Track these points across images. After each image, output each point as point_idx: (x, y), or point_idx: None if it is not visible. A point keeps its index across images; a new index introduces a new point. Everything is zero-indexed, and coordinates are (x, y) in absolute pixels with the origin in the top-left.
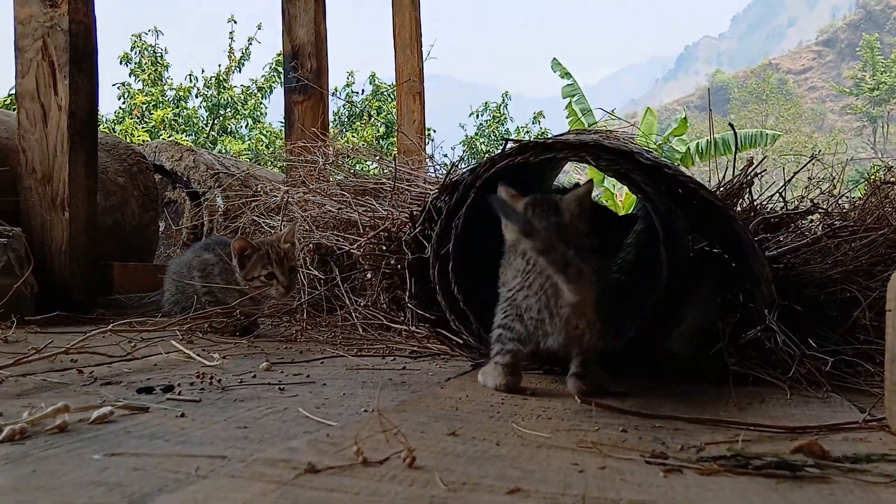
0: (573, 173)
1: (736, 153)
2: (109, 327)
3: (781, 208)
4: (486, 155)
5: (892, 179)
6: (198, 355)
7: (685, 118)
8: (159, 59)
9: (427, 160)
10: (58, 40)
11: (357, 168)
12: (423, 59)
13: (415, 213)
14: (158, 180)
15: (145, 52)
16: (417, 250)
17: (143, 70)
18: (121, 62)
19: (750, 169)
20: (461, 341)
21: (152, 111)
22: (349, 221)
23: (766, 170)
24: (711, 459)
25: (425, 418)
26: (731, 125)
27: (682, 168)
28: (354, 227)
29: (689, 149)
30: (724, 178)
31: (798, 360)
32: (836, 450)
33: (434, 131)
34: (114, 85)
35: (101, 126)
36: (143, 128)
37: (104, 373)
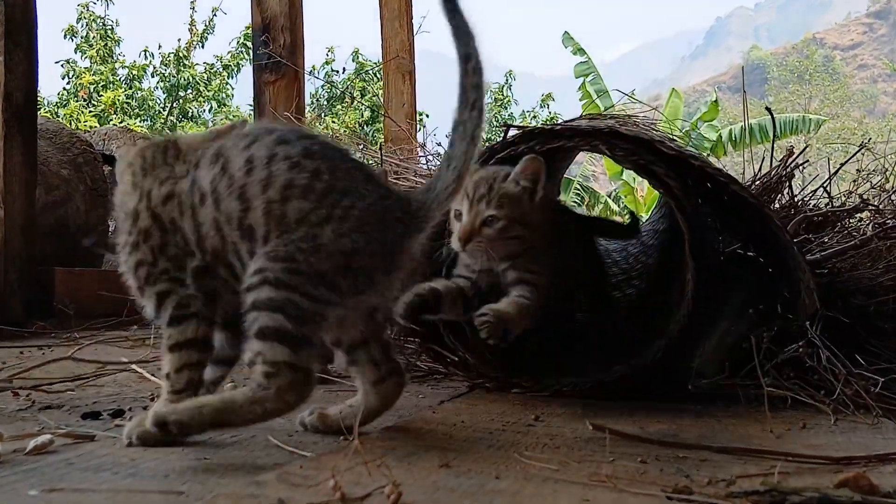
0: (587, 164)
1: (774, 141)
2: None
3: (826, 205)
4: (487, 144)
5: None
6: (153, 374)
7: (716, 101)
8: (109, 32)
9: (418, 149)
10: None
11: None
12: (415, 32)
13: None
14: (108, 172)
15: (93, 25)
16: None
17: (91, 45)
18: (65, 36)
19: (790, 160)
20: (456, 359)
21: (101, 92)
22: None
23: (808, 160)
24: (743, 495)
25: (414, 447)
26: (768, 109)
27: (712, 159)
28: None
29: (720, 136)
30: (760, 169)
31: (844, 380)
32: (887, 483)
33: (427, 116)
34: (57, 62)
35: (41, 110)
36: (90, 112)
37: (44, 396)
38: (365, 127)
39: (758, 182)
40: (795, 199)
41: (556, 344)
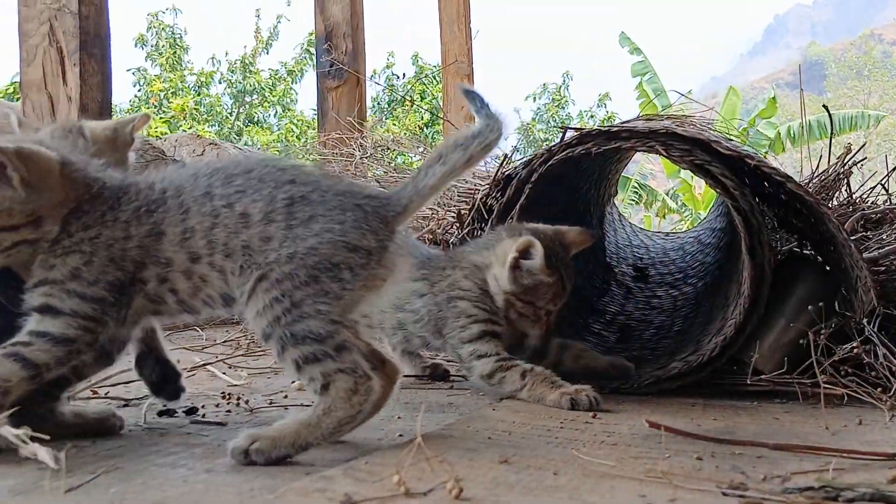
0: (644, 162)
1: (832, 138)
2: None
3: (884, 202)
4: (545, 144)
5: None
6: (223, 373)
7: (774, 98)
8: (178, 40)
9: None
10: (66, 24)
11: (398, 161)
12: (472, 36)
13: (462, 211)
14: None
15: (163, 33)
16: None
17: (161, 53)
18: (136, 44)
19: (848, 157)
20: None
21: (171, 99)
22: None
23: (866, 157)
24: (797, 491)
25: (474, 444)
26: (825, 107)
27: (770, 157)
28: None
29: (778, 133)
30: (818, 167)
31: None
32: None
33: None
34: (128, 70)
35: (114, 117)
36: (160, 118)
37: (121, 392)
38: (425, 129)
39: (815, 179)
40: (853, 197)
41: (613, 342)
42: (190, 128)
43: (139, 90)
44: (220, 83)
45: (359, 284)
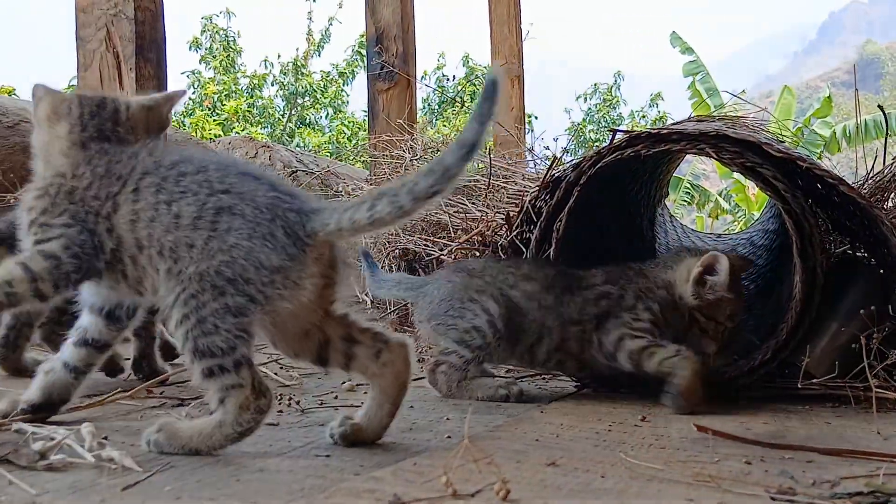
0: (696, 162)
1: (886, 139)
2: None
3: None
4: (595, 145)
5: None
6: (275, 373)
7: (829, 97)
8: (231, 43)
9: (526, 153)
10: (122, 29)
11: None
12: (523, 37)
13: (511, 214)
14: None
15: (216, 37)
16: (515, 256)
17: (215, 56)
18: (190, 48)
19: None
20: None
21: (224, 102)
22: (439, 224)
23: None
24: (847, 496)
25: (522, 446)
26: (880, 107)
27: (824, 159)
28: (444, 230)
29: (834, 133)
30: (873, 167)
31: None
32: None
33: (535, 118)
34: (182, 73)
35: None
36: (214, 120)
37: (175, 392)
38: None
39: (870, 180)
40: None
41: None
42: (243, 130)
43: (193, 93)
44: (272, 85)
45: (268, 301)
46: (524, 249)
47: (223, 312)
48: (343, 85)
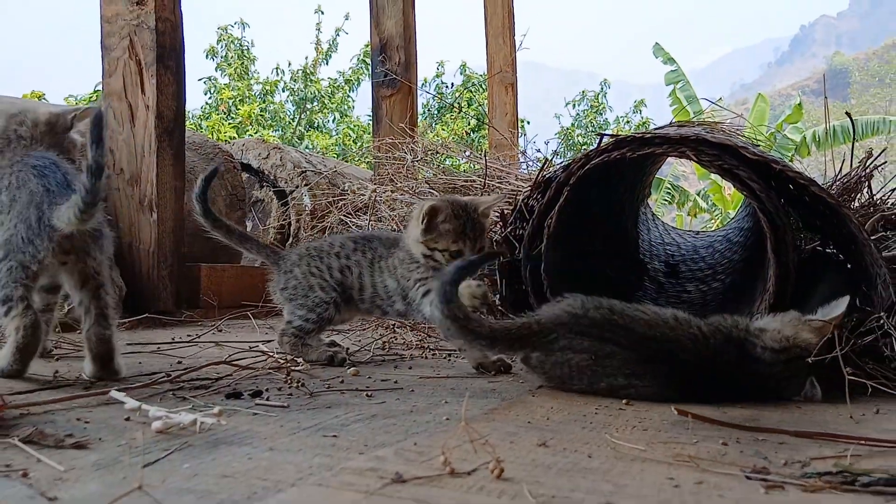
0: (677, 164)
1: (854, 143)
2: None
3: None
4: (583, 148)
5: None
6: (286, 360)
7: (800, 104)
8: (245, 52)
9: (519, 155)
10: (144, 38)
11: (446, 164)
12: (516, 48)
13: (506, 212)
14: (245, 179)
15: (231, 46)
16: (509, 251)
17: (230, 64)
18: (207, 56)
19: (869, 161)
20: None
21: (238, 106)
22: None
23: (887, 161)
24: (816, 475)
25: (515, 428)
26: (847, 114)
27: (795, 162)
28: None
29: (804, 138)
30: (840, 170)
31: None
32: None
33: (527, 123)
34: (200, 79)
35: (187, 122)
36: (229, 124)
37: (193, 376)
38: (471, 134)
39: (838, 182)
40: (874, 199)
41: None
42: (256, 132)
43: (210, 98)
44: (283, 91)
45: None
46: (517, 245)
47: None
48: (349, 91)
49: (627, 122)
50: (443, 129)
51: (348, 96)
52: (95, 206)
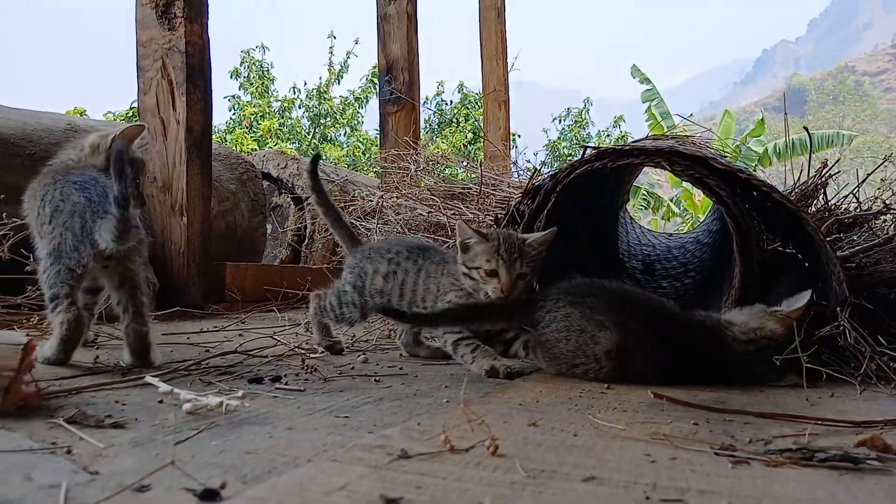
0: (652, 173)
1: (811, 155)
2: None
3: (855, 209)
4: (569, 159)
5: None
6: (301, 347)
7: (762, 120)
8: (266, 73)
9: (511, 165)
10: (175, 60)
11: (446, 173)
12: (508, 69)
13: (499, 216)
14: (266, 186)
15: (253, 67)
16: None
17: (252, 83)
18: (231, 76)
19: (824, 170)
20: None
21: (259, 121)
22: (438, 224)
23: (840, 171)
24: (778, 452)
25: (508, 409)
26: (805, 128)
27: (758, 172)
28: (443, 230)
29: (766, 150)
30: (799, 179)
31: (868, 357)
32: None
33: (518, 136)
34: (225, 97)
35: (213, 136)
36: (251, 137)
37: (219, 363)
38: (468, 146)
39: (797, 189)
40: (829, 204)
41: None
42: (275, 145)
43: (233, 114)
44: (299, 108)
45: None
46: None
47: None
48: (358, 108)
49: (608, 135)
50: (443, 142)
51: (358, 112)
52: (129, 232)
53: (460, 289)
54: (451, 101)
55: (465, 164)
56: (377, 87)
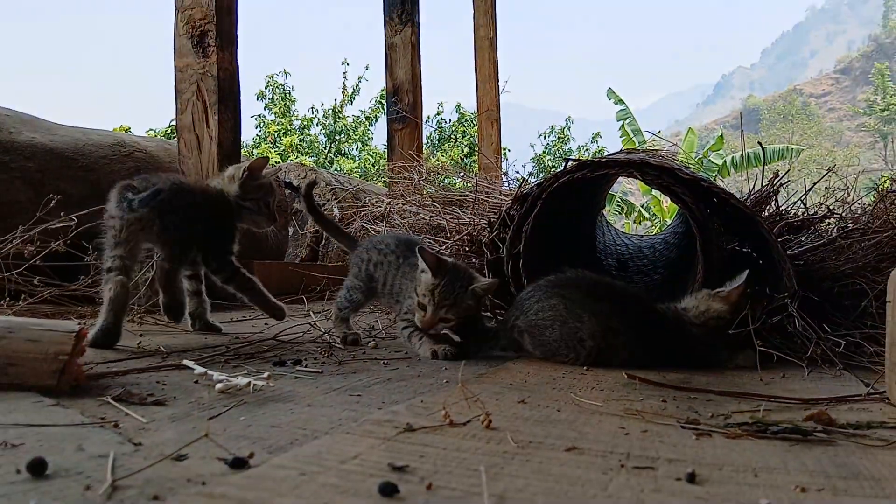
0: (626, 183)
1: (764, 166)
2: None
3: (802, 213)
4: (553, 170)
5: None
6: (320, 336)
7: (721, 136)
8: (288, 95)
9: (502, 176)
10: (209, 84)
11: (445, 182)
12: (500, 91)
13: (492, 220)
14: (288, 194)
15: (277, 90)
16: (494, 251)
17: (275, 104)
18: (257, 98)
19: (776, 180)
20: None
21: (282, 138)
22: (439, 227)
23: (789, 180)
24: (736, 426)
25: (500, 388)
26: (759, 143)
27: (718, 181)
28: (443, 232)
29: (724, 162)
30: (753, 187)
31: (815, 343)
32: (842, 418)
33: (508, 150)
34: (251, 116)
35: (242, 150)
36: (275, 151)
37: (248, 349)
38: (465, 159)
39: (752, 196)
40: (780, 209)
41: None
42: (296, 158)
43: (259, 131)
44: (317, 126)
45: None
46: (501, 245)
47: None
48: (369, 126)
49: (587, 150)
50: (442, 155)
51: (368, 130)
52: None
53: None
54: (450, 120)
55: (462, 174)
56: (385, 107)
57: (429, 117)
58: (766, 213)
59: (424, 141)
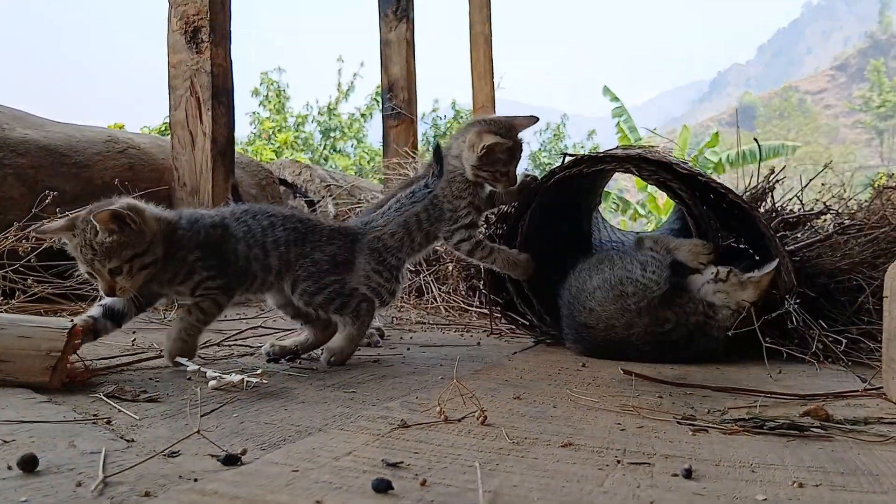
0: (621, 180)
1: (760, 163)
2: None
3: (799, 210)
4: (548, 167)
5: (893, 185)
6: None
7: (717, 133)
8: (282, 92)
9: None
10: (202, 80)
11: None
12: (495, 88)
13: (490, 215)
14: (283, 191)
15: (271, 87)
16: None
17: (270, 101)
18: (252, 95)
19: (772, 176)
20: (526, 322)
21: (277, 134)
22: None
23: (785, 177)
24: (732, 421)
25: (495, 385)
26: (755, 140)
27: (714, 175)
28: None
29: (720, 159)
30: (750, 183)
31: (818, 338)
32: (839, 413)
33: None
34: (246, 113)
35: (236, 147)
36: (270, 148)
37: (241, 347)
38: None
39: (748, 193)
40: (776, 206)
41: None
42: (291, 155)
43: (254, 128)
44: (312, 123)
45: None
46: (498, 241)
47: None
48: (364, 123)
49: (582, 147)
50: None
51: (363, 126)
52: None
53: None
54: (445, 116)
55: None
56: (380, 104)
57: (424, 114)
58: (763, 210)
59: (420, 138)
